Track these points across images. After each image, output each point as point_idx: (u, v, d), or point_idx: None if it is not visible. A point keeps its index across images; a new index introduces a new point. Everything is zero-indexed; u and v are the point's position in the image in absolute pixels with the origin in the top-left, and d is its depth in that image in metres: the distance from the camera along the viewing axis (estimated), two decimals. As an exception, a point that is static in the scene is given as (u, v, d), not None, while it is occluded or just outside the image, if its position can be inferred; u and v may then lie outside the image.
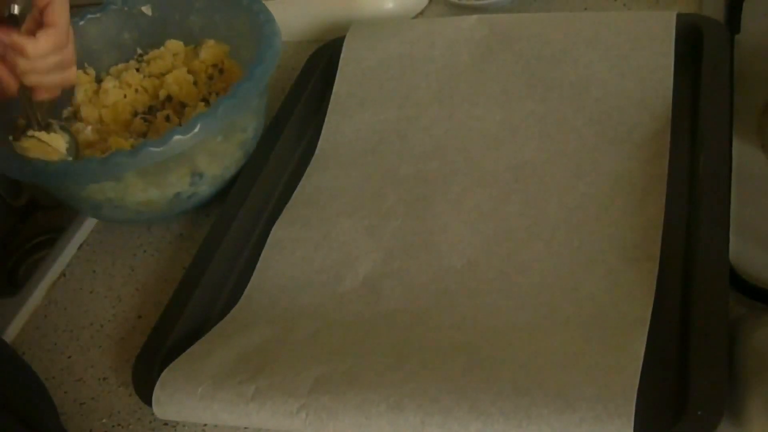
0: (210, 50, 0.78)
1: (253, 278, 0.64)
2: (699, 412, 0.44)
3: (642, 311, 0.51)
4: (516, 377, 0.49)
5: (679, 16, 0.67)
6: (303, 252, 0.65)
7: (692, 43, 0.66)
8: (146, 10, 0.82)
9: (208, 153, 0.68)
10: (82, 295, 0.72)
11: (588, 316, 0.53)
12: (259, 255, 0.66)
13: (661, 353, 0.50)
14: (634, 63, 0.66)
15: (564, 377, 0.48)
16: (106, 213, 0.70)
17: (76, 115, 0.77)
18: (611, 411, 0.45)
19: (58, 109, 0.76)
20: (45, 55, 0.58)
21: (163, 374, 0.56)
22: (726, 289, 0.50)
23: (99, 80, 0.80)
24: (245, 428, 0.55)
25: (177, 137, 0.62)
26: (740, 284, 0.52)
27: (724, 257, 0.51)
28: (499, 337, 0.53)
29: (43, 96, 0.63)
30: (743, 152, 0.59)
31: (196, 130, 0.62)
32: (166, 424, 0.58)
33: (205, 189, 0.70)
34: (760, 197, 0.57)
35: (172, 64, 0.79)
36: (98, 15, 0.81)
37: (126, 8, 0.82)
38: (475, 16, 0.76)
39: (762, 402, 0.45)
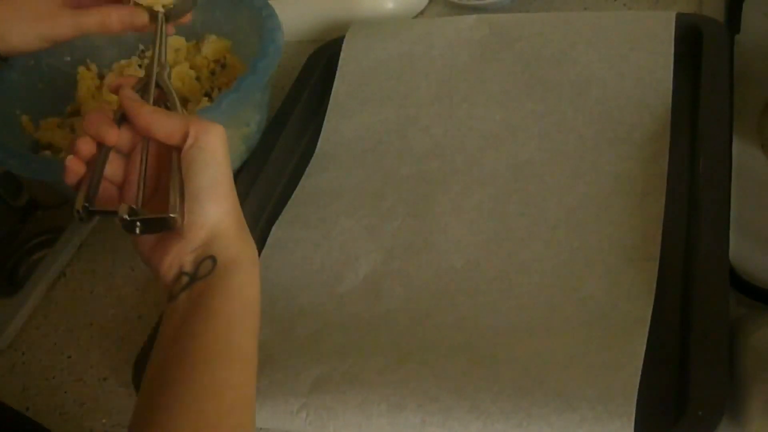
0: (212, 45, 0.78)
1: (253, 278, 0.64)
2: (699, 412, 0.44)
3: (642, 311, 0.51)
4: (516, 377, 0.49)
5: (678, 16, 0.67)
6: (303, 252, 0.65)
7: (692, 43, 0.66)
8: None
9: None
10: (82, 295, 0.72)
11: (588, 316, 0.53)
12: (259, 255, 0.66)
13: (661, 353, 0.50)
14: (634, 63, 0.67)
15: (564, 377, 0.48)
16: (112, 207, 0.71)
17: (78, 111, 0.78)
18: (612, 411, 0.45)
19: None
20: None
21: (163, 374, 0.56)
22: (726, 289, 0.50)
23: (101, 76, 0.80)
24: (245, 428, 0.55)
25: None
26: (740, 284, 0.52)
27: (724, 257, 0.51)
28: (499, 337, 0.53)
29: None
30: (743, 152, 0.59)
31: None
32: (166, 423, 0.58)
33: (209, 183, 0.70)
34: (760, 197, 0.57)
35: (174, 60, 0.79)
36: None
37: (127, 4, 0.82)
38: (474, 16, 0.76)
39: (762, 402, 0.45)
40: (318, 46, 0.83)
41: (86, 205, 0.47)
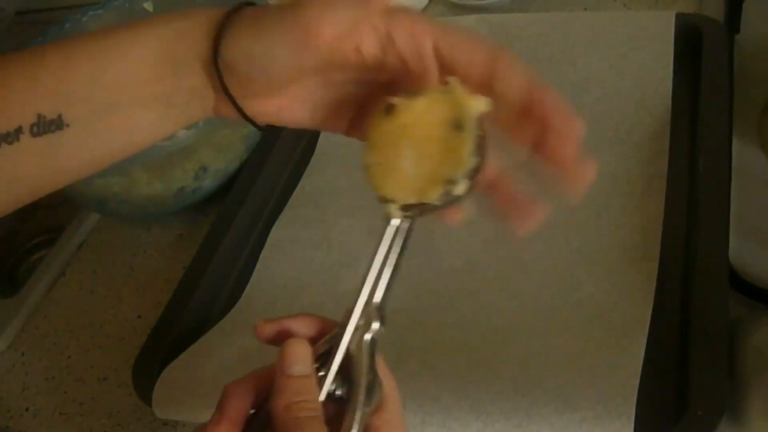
0: (212, 46, 0.79)
1: (252, 278, 0.64)
2: (699, 412, 0.44)
3: (642, 311, 0.51)
4: (516, 377, 0.49)
5: (678, 16, 0.67)
6: (303, 252, 0.65)
7: (692, 43, 0.66)
8: (148, 6, 0.82)
9: (212, 146, 0.68)
10: (82, 295, 0.72)
11: (588, 316, 0.53)
12: (259, 255, 0.66)
13: (661, 353, 0.50)
14: (634, 63, 0.66)
15: (564, 377, 0.48)
16: (111, 208, 0.71)
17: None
18: (612, 411, 0.45)
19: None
20: None
21: (163, 374, 0.56)
22: (726, 289, 0.50)
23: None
24: (245, 428, 0.55)
25: (182, 130, 0.62)
26: (740, 284, 0.52)
27: (724, 257, 0.51)
28: (499, 337, 0.53)
29: None
30: (743, 152, 0.59)
31: (201, 122, 0.63)
32: (165, 423, 0.58)
33: (208, 183, 0.71)
34: (760, 197, 0.57)
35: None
36: (100, 11, 0.81)
37: (128, 5, 0.82)
38: (475, 16, 0.76)
39: (762, 402, 0.45)
40: (318, 46, 0.83)
41: None
